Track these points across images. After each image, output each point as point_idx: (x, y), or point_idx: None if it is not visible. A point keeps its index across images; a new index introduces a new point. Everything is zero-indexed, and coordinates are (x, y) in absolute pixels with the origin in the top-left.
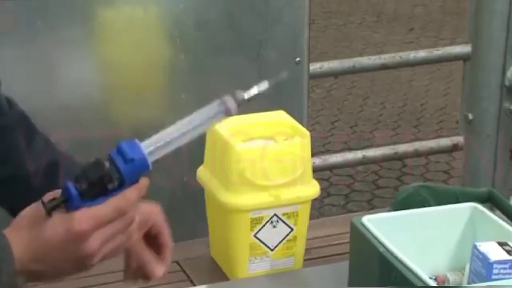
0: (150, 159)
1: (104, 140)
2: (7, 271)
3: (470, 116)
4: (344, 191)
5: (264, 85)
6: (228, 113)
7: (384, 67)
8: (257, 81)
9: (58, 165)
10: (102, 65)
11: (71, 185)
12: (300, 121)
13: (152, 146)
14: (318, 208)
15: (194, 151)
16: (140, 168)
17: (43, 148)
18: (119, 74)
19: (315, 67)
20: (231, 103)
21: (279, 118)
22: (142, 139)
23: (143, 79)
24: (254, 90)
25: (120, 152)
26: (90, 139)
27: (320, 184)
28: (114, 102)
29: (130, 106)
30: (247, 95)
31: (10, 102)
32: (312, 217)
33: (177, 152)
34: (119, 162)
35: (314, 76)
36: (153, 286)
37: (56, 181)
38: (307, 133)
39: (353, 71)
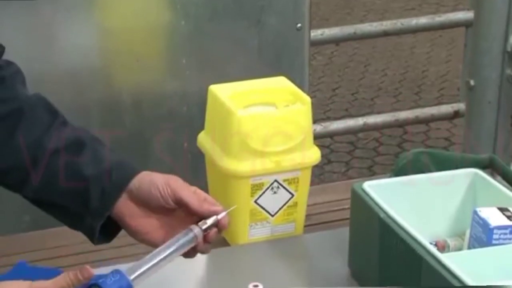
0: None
1: (105, 106)
2: None
3: (472, 83)
4: (344, 158)
5: (222, 215)
6: (195, 240)
7: (385, 33)
8: (257, 47)
9: (83, 142)
10: (103, 31)
11: None
12: (301, 87)
13: (135, 273)
14: (319, 175)
15: (195, 117)
16: None
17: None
18: (120, 41)
19: (316, 33)
20: (197, 230)
21: (280, 84)
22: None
23: (144, 45)
24: (210, 221)
25: None
26: (90, 105)
27: (321, 151)
28: (115, 68)
29: (131, 72)
30: (203, 224)
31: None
32: (312, 184)
33: (177, 118)
34: None
35: (315, 43)
36: None
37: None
38: (308, 99)
39: (354, 37)
